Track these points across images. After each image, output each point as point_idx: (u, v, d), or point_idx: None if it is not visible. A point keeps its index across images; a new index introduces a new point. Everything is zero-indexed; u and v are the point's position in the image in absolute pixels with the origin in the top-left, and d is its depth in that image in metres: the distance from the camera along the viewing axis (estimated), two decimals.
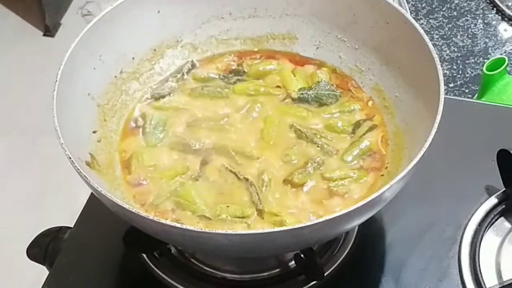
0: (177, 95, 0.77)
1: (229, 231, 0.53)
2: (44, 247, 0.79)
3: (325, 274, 0.69)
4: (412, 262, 0.73)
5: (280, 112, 0.75)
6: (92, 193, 0.66)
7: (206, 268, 0.73)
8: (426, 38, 0.66)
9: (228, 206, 0.65)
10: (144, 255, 0.73)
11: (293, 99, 0.76)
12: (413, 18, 0.71)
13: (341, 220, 0.55)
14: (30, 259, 0.81)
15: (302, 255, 0.66)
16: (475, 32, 1.26)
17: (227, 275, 0.72)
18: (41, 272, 0.78)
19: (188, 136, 0.72)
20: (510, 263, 0.73)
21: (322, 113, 0.75)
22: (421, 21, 1.28)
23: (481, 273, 0.70)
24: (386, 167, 0.69)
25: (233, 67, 0.80)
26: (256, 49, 0.81)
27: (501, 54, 1.22)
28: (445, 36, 1.26)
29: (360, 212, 0.55)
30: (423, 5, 1.32)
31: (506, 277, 0.71)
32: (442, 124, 0.59)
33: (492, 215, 0.76)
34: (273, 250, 0.62)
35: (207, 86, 0.77)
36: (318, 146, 0.71)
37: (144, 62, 0.77)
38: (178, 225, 0.53)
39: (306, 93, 0.76)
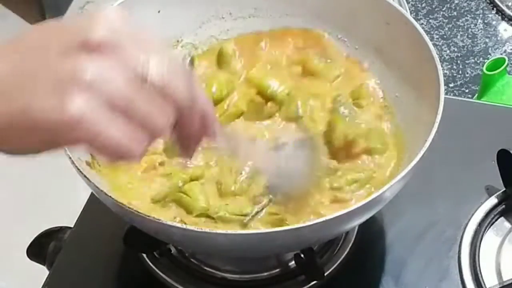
0: None
1: (230, 231, 0.53)
2: (44, 247, 0.79)
3: (325, 274, 0.69)
4: (412, 262, 0.73)
5: None
6: (92, 193, 0.66)
7: (206, 268, 0.73)
8: (427, 38, 0.66)
9: (227, 204, 0.65)
10: (144, 255, 0.73)
11: None
12: (413, 18, 0.71)
13: (341, 220, 0.55)
14: (30, 259, 0.81)
15: (302, 255, 0.66)
16: (475, 32, 1.26)
17: (227, 275, 0.72)
18: (41, 272, 0.78)
19: None
20: (510, 263, 0.73)
21: None
22: (421, 21, 1.28)
23: (481, 273, 0.70)
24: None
25: None
26: None
27: (501, 54, 1.22)
28: (445, 36, 1.26)
29: (360, 212, 0.55)
30: (423, 5, 1.32)
31: (506, 277, 0.71)
32: (442, 124, 0.59)
33: (492, 215, 0.76)
34: (273, 250, 0.62)
35: None
36: None
37: None
38: (178, 225, 0.53)
39: None
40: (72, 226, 0.79)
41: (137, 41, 0.43)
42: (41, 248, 0.79)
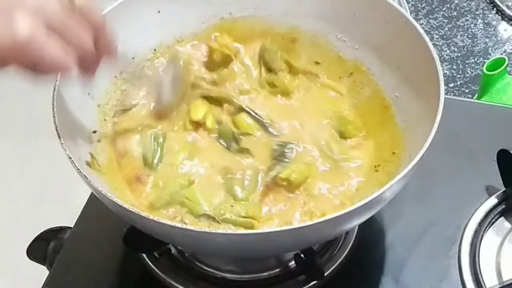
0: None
1: (229, 231, 0.53)
2: (44, 247, 0.79)
3: (325, 274, 0.69)
4: (412, 262, 0.73)
5: None
6: (92, 193, 0.66)
7: (206, 268, 0.73)
8: (426, 38, 0.66)
9: (232, 206, 0.65)
10: (144, 255, 0.73)
11: None
12: (413, 18, 0.71)
13: (341, 220, 0.55)
14: (30, 259, 0.81)
15: (302, 255, 0.66)
16: (475, 32, 1.26)
17: (227, 275, 0.72)
18: (41, 272, 0.78)
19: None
20: (510, 263, 0.73)
21: None
22: (421, 21, 1.28)
23: (481, 273, 0.70)
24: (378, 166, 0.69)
25: None
26: None
27: (501, 54, 1.22)
28: (445, 36, 1.26)
29: (360, 212, 0.55)
30: (423, 5, 1.32)
31: (506, 277, 0.71)
32: (442, 124, 0.59)
33: (492, 215, 0.76)
34: (273, 250, 0.62)
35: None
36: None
37: (144, 62, 0.76)
38: (178, 225, 0.53)
39: None
40: (72, 226, 0.79)
41: None
42: (41, 248, 0.79)
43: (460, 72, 1.21)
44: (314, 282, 0.70)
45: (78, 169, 0.57)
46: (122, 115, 0.73)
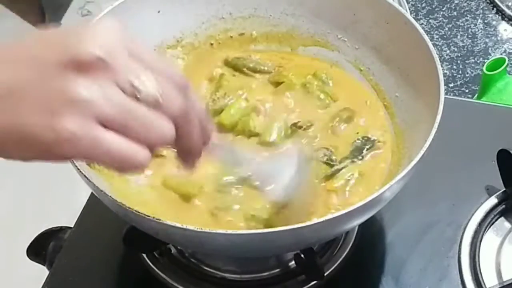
0: None
1: (229, 231, 0.53)
2: (44, 247, 0.79)
3: (325, 274, 0.69)
4: (412, 262, 0.73)
5: None
6: (92, 193, 0.66)
7: (206, 268, 0.73)
8: (426, 38, 0.66)
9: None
10: (144, 255, 0.73)
11: None
12: (413, 18, 0.71)
13: (341, 220, 0.55)
14: (30, 259, 0.81)
15: (302, 255, 0.66)
16: (475, 32, 1.26)
17: (227, 275, 0.72)
18: (41, 272, 0.78)
19: None
20: (510, 263, 0.73)
21: None
22: (421, 21, 1.28)
23: (481, 273, 0.70)
24: None
25: None
26: None
27: (501, 54, 1.22)
28: (445, 36, 1.26)
29: (360, 212, 0.55)
30: (423, 5, 1.32)
31: (506, 277, 0.71)
32: (442, 124, 0.59)
33: (492, 215, 0.76)
34: (273, 250, 0.62)
35: None
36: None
37: None
38: (178, 225, 0.53)
39: None
40: (72, 226, 0.79)
41: (129, 57, 0.43)
42: (41, 248, 0.79)
43: (460, 72, 1.20)
44: (314, 282, 0.70)
45: (78, 169, 0.57)
46: None
